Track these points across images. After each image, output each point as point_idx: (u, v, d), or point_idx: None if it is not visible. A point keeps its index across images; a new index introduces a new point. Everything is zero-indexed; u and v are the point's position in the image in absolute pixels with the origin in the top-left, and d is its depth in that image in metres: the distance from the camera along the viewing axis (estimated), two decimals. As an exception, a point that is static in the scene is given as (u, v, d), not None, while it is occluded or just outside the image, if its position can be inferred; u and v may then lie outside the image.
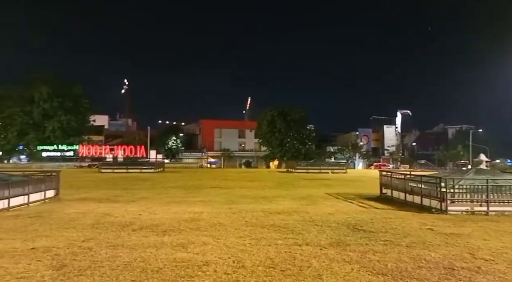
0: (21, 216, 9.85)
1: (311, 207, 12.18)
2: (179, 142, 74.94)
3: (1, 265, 5.49)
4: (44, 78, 54.87)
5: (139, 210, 11.17)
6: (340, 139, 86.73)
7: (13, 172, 16.03)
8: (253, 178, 29.51)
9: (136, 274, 5.18)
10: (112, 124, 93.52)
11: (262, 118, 65.32)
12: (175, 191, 17.42)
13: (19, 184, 11.56)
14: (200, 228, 8.46)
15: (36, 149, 55.13)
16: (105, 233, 7.81)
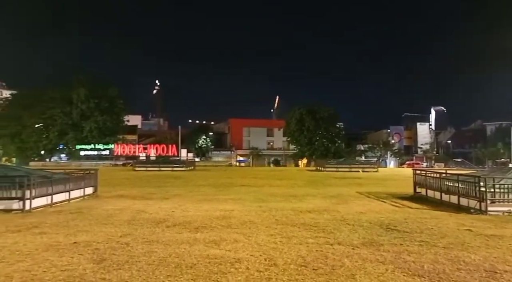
0: (63, 212, 10.36)
1: (342, 206, 12.04)
2: (209, 140, 76.07)
3: (47, 258, 5.81)
4: (82, 81, 57.45)
5: (172, 207, 11.46)
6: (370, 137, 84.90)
7: (55, 170, 16.84)
8: (282, 176, 29.48)
9: (171, 269, 5.33)
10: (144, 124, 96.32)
11: (290, 116, 65.09)
12: (206, 189, 17.71)
13: (61, 182, 12.16)
14: (231, 226, 8.57)
15: (75, 148, 57.79)
16: (140, 229, 8.07)
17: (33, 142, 57.16)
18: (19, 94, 63.17)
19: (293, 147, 69.55)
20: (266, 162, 75.71)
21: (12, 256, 5.87)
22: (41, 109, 56.77)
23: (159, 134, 79.02)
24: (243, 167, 60.79)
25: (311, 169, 46.51)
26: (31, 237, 7.26)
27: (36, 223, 8.68)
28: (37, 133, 57.54)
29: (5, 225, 8.42)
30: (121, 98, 61.66)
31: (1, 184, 10.43)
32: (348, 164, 41.34)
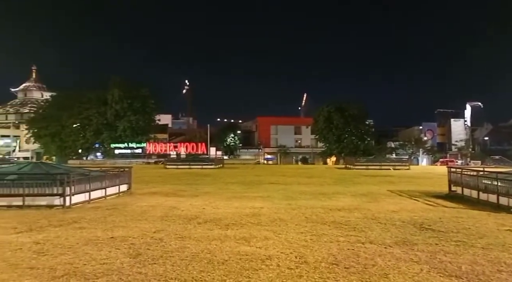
0: (100, 208, 10.81)
1: (373, 204, 11.83)
2: (237, 139, 76.61)
3: (87, 251, 6.10)
4: (116, 82, 59.52)
5: (202, 204, 11.68)
6: (402, 134, 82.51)
7: (91, 168, 17.55)
8: (311, 174, 29.27)
9: (203, 265, 5.45)
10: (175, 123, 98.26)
11: (318, 114, 64.41)
12: (235, 186, 17.90)
13: (97, 179, 12.68)
14: (261, 223, 8.63)
15: (109, 147, 59.94)
16: (173, 225, 8.30)
17: (71, 141, 59.78)
18: (59, 96, 66.15)
19: (321, 145, 68.75)
20: (293, 159, 75.36)
21: (55, 249, 6.21)
22: (78, 110, 59.27)
23: (188, 133, 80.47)
24: (271, 165, 60.86)
25: (340, 166, 45.88)
26: (72, 231, 7.64)
27: (76, 218, 9.11)
28: (75, 133, 60.09)
29: (48, 219, 8.90)
30: (153, 98, 63.20)
31: (44, 181, 10.99)
32: (378, 162, 40.40)
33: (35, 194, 10.83)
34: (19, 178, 11.20)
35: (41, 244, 6.58)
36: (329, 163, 66.61)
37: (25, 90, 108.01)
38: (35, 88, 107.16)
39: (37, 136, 63.31)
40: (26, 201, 10.68)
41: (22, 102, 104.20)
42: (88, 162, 55.01)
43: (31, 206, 10.63)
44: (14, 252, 6.06)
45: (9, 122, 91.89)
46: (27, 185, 10.79)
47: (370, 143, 66.70)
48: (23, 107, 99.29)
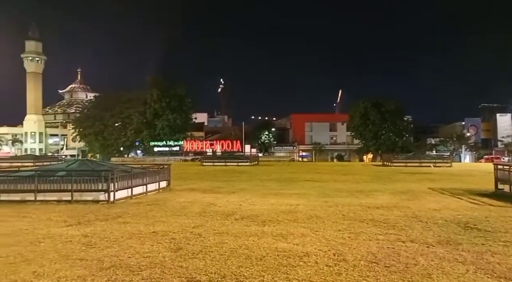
0: (142, 203, 11.23)
1: (413, 202, 11.46)
2: (271, 136, 76.72)
3: (131, 245, 6.38)
4: (155, 82, 61.55)
5: (239, 200, 11.83)
6: (442, 130, 78.98)
7: (133, 165, 18.26)
8: (347, 171, 28.78)
9: (242, 260, 5.54)
10: (210, 121, 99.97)
11: (354, 110, 63.05)
12: (271, 183, 17.95)
13: (139, 176, 13.18)
14: (298, 220, 8.63)
15: (149, 145, 62.07)
16: (211, 221, 8.48)
17: (113, 139, 62.58)
18: (102, 96, 69.45)
19: (358, 142, 67.36)
20: (329, 157, 74.30)
21: (101, 242, 6.54)
22: (120, 110, 61.96)
23: (223, 131, 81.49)
24: (306, 162, 60.36)
25: (377, 164, 44.70)
26: (117, 225, 8.01)
27: (119, 213, 9.53)
28: (117, 131, 62.85)
29: (95, 214, 9.38)
30: (189, 97, 64.73)
31: (90, 177, 11.59)
32: (417, 159, 38.96)
33: (82, 189, 11.44)
34: (67, 174, 11.87)
35: (89, 237, 6.95)
36: (366, 160, 65.10)
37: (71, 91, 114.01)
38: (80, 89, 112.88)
39: (82, 135, 66.79)
40: (74, 196, 11.31)
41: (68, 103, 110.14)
42: (129, 159, 57.22)
43: (79, 201, 11.24)
44: (65, 244, 6.46)
45: (57, 122, 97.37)
46: (75, 181, 11.41)
47: (408, 139, 64.53)
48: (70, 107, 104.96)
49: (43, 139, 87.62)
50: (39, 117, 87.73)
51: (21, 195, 11.46)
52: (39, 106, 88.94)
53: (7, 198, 11.39)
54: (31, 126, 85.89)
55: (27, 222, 8.42)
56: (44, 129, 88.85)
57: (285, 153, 70.60)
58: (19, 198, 11.39)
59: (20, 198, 11.38)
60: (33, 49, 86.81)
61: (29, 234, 7.18)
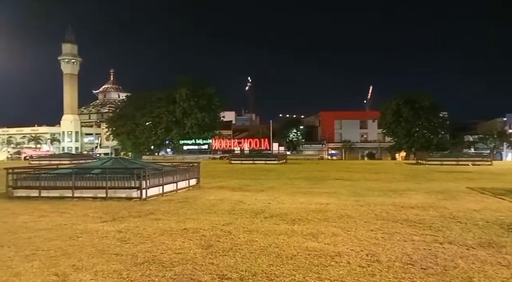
0: (173, 201, 11.43)
1: (451, 202, 11.00)
2: (299, 134, 76.20)
3: (163, 241, 6.49)
4: (183, 81, 62.66)
5: (268, 199, 11.80)
6: (481, 127, 75.45)
7: (163, 163, 18.62)
8: (378, 169, 28.09)
9: (272, 258, 5.50)
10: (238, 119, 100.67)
11: (386, 107, 61.39)
12: (300, 182, 17.80)
13: (169, 173, 13.42)
14: (328, 219, 8.48)
15: (178, 143, 63.25)
16: (240, 219, 8.49)
17: (144, 138, 64.24)
18: (133, 96, 71.50)
19: (389, 139, 65.59)
20: (359, 155, 72.90)
21: (135, 238, 6.70)
22: (150, 109, 63.49)
23: (251, 129, 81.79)
24: (335, 160, 59.44)
25: (411, 162, 43.37)
26: (149, 222, 8.18)
27: (151, 210, 9.74)
28: (148, 130, 64.44)
29: (128, 211, 9.64)
30: (218, 96, 65.40)
31: (123, 175, 11.92)
32: (454, 157, 37.41)
33: (116, 186, 11.78)
34: (102, 172, 12.25)
35: (123, 232, 7.14)
36: (398, 158, 63.37)
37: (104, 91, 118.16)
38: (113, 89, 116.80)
39: (115, 134, 68.96)
40: (108, 193, 11.66)
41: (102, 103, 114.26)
42: (159, 157, 58.53)
43: (113, 198, 11.57)
44: (101, 239, 6.66)
45: (92, 122, 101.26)
46: (109, 178, 11.77)
47: (444, 137, 62.18)
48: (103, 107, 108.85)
49: (79, 138, 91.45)
50: (75, 117, 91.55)
51: (59, 191, 11.93)
52: (75, 106, 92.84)
53: (47, 194, 11.90)
54: (68, 126, 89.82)
55: (65, 217, 8.76)
56: (80, 128, 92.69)
57: (314, 151, 69.93)
58: (58, 194, 11.87)
59: (59, 195, 11.85)
60: (69, 52, 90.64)
61: (67, 229, 7.47)
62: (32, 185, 12.20)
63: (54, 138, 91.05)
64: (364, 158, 69.77)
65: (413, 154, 54.61)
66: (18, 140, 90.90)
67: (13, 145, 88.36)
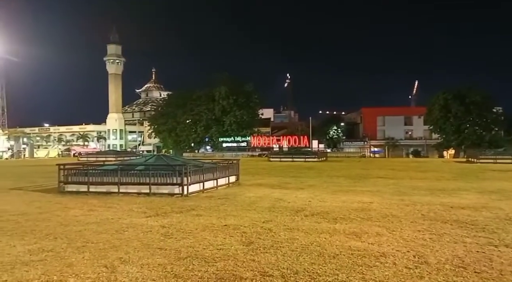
0: (213, 197, 11.59)
1: (506, 203, 10.26)
2: (340, 131, 74.69)
3: (205, 237, 6.58)
4: (223, 79, 63.50)
5: (308, 197, 11.64)
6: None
7: (203, 160, 18.98)
8: (425, 168, 26.88)
9: (314, 257, 5.40)
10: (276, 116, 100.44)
11: (433, 102, 58.47)
12: (341, 180, 17.42)
13: (210, 170, 13.62)
14: (372, 218, 8.21)
15: (218, 140, 64.25)
16: (281, 216, 8.43)
17: (185, 135, 65.84)
18: (174, 94, 73.45)
19: (437, 136, 62.55)
20: (403, 152, 70.21)
21: (178, 233, 6.85)
22: (190, 107, 64.92)
23: (290, 126, 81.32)
24: (378, 158, 57.72)
25: (460, 160, 41.11)
26: (191, 218, 8.34)
27: (193, 206, 9.93)
28: (188, 128, 65.96)
29: (171, 206, 9.89)
30: (256, 93, 65.57)
31: (166, 171, 12.26)
32: (510, 155, 34.91)
33: (159, 183, 12.13)
34: (145, 168, 12.68)
35: (166, 227, 7.33)
36: (446, 156, 60.35)
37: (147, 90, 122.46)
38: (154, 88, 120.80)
39: (157, 131, 71.20)
40: (151, 189, 12.03)
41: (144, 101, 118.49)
42: (199, 154, 59.75)
43: (156, 194, 11.93)
44: (145, 233, 6.88)
45: (135, 120, 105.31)
46: (152, 175, 12.14)
47: (498, 133, 58.39)
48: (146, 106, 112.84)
49: (123, 136, 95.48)
50: (120, 116, 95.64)
51: (106, 187, 12.49)
52: (119, 105, 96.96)
53: (95, 190, 12.50)
54: (113, 124, 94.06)
55: (112, 212, 9.15)
56: (124, 126, 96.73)
57: (355, 149, 68.15)
58: (105, 189, 12.42)
59: (105, 190, 12.41)
60: (114, 52, 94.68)
61: (114, 223, 7.79)
62: (81, 181, 12.87)
63: (100, 136, 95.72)
64: (409, 155, 67.09)
65: (463, 151, 51.73)
66: (68, 138, 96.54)
67: (63, 142, 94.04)
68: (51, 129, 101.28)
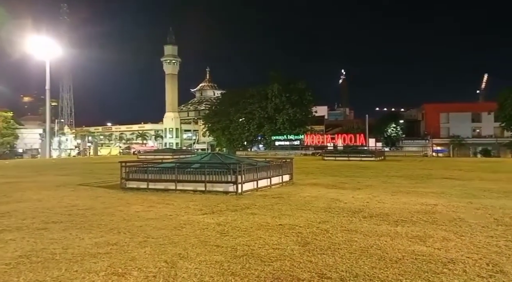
0: (267, 196, 11.55)
1: None
2: (399, 129, 71.26)
3: (260, 236, 6.55)
4: (275, 77, 63.51)
5: (366, 197, 11.19)
6: None
7: (256, 158, 19.03)
8: (497, 168, 24.73)
9: (374, 261, 5.15)
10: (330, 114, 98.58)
11: (505, 97, 53.63)
12: (400, 180, 16.54)
13: (263, 169, 13.61)
14: (437, 222, 7.67)
15: (270, 139, 64.37)
16: (337, 217, 8.17)
17: (238, 134, 66.85)
18: (227, 93, 74.97)
19: (510, 134, 57.29)
20: (470, 152, 65.26)
21: (233, 231, 6.90)
22: (243, 106, 65.78)
23: (345, 124, 79.24)
24: (442, 158, 54.17)
25: (536, 159, 37.27)
26: (245, 216, 8.36)
27: (247, 204, 9.97)
28: (241, 126, 66.87)
29: (226, 204, 10.02)
30: (310, 91, 64.64)
31: (220, 169, 12.46)
32: None
33: (214, 180, 12.34)
34: (201, 166, 12.97)
35: (222, 225, 7.42)
36: (522, 155, 55.07)
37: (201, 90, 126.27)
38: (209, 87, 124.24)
39: (210, 130, 73.04)
40: (207, 187, 12.28)
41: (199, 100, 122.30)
42: (252, 153, 60.32)
43: (211, 191, 12.14)
44: (202, 230, 7.02)
45: (190, 119, 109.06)
46: (207, 173, 12.40)
47: None
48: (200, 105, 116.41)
49: (179, 134, 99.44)
50: (176, 115, 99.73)
51: (164, 184, 12.96)
52: (175, 104, 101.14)
53: (154, 187, 13.04)
54: (169, 123, 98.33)
55: (170, 208, 9.47)
56: (180, 125, 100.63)
57: (416, 147, 64.42)
58: (163, 187, 12.89)
59: (163, 187, 12.88)
60: (170, 53, 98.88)
61: (172, 220, 8.04)
62: (141, 178, 13.50)
63: (158, 135, 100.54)
64: (477, 155, 62.21)
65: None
66: (128, 136, 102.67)
67: (124, 140, 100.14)
68: (113, 129, 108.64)
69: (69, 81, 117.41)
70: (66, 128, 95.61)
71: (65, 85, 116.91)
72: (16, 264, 5.12)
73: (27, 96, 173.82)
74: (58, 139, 75.52)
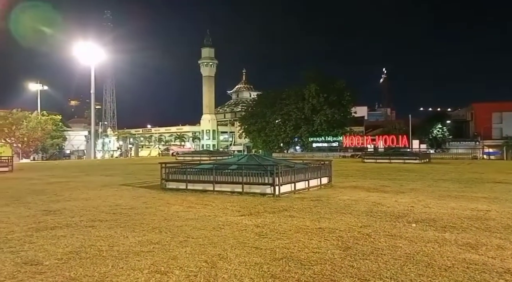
0: (305, 199, 11.36)
1: None
2: (445, 130, 67.79)
3: (299, 238, 6.42)
4: (312, 77, 62.52)
5: (410, 201, 10.70)
6: None
7: (293, 160, 18.84)
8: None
9: (421, 268, 4.88)
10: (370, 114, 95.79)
11: None
12: (448, 184, 15.68)
13: (301, 171, 13.41)
14: (490, 229, 7.16)
15: (307, 140, 63.45)
16: (379, 222, 7.86)
17: (274, 135, 66.54)
18: (263, 94, 74.93)
19: None
20: (527, 154, 60.71)
21: (272, 233, 6.82)
22: (280, 107, 65.34)
23: (386, 125, 76.50)
24: (494, 160, 50.88)
25: None
26: (284, 219, 8.25)
27: (285, 206, 9.85)
28: (277, 128, 66.48)
29: (263, 206, 9.96)
30: (349, 90, 62.99)
31: (258, 171, 12.42)
32: None
33: (251, 182, 12.32)
34: (238, 168, 13.00)
35: (260, 227, 7.36)
36: None
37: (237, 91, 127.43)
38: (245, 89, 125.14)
39: (247, 131, 73.24)
40: (244, 188, 12.29)
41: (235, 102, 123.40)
42: (289, 154, 59.73)
43: (248, 193, 12.13)
44: (240, 232, 7.00)
45: (226, 120, 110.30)
46: (245, 174, 12.40)
47: None
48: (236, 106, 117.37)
49: (215, 136, 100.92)
50: (212, 117, 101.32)
51: (202, 185, 13.12)
52: (212, 106, 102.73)
53: (192, 187, 13.23)
54: (206, 125, 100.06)
55: (209, 209, 9.55)
56: (216, 127, 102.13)
57: (465, 149, 60.68)
58: (201, 188, 13.06)
59: (202, 188, 13.04)
60: (207, 55, 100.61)
61: (211, 220, 8.10)
62: (180, 178, 13.75)
63: (195, 136, 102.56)
64: (536, 158, 57.84)
65: None
66: (166, 138, 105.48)
67: (163, 142, 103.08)
68: (152, 130, 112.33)
69: (112, 85, 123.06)
70: (109, 130, 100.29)
71: (108, 89, 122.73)
72: (67, 260, 5.36)
73: (73, 100, 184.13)
74: (102, 141, 79.26)
